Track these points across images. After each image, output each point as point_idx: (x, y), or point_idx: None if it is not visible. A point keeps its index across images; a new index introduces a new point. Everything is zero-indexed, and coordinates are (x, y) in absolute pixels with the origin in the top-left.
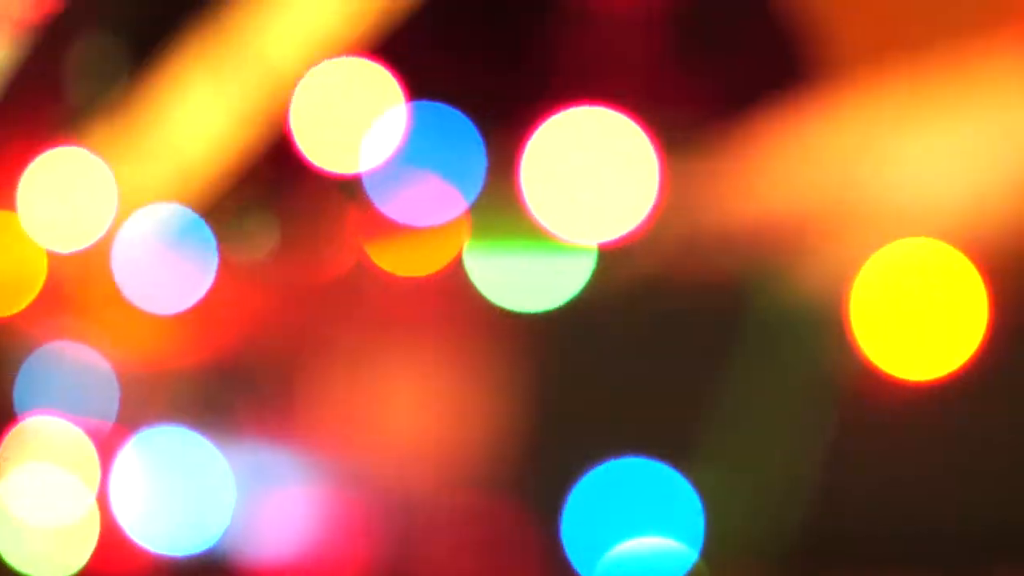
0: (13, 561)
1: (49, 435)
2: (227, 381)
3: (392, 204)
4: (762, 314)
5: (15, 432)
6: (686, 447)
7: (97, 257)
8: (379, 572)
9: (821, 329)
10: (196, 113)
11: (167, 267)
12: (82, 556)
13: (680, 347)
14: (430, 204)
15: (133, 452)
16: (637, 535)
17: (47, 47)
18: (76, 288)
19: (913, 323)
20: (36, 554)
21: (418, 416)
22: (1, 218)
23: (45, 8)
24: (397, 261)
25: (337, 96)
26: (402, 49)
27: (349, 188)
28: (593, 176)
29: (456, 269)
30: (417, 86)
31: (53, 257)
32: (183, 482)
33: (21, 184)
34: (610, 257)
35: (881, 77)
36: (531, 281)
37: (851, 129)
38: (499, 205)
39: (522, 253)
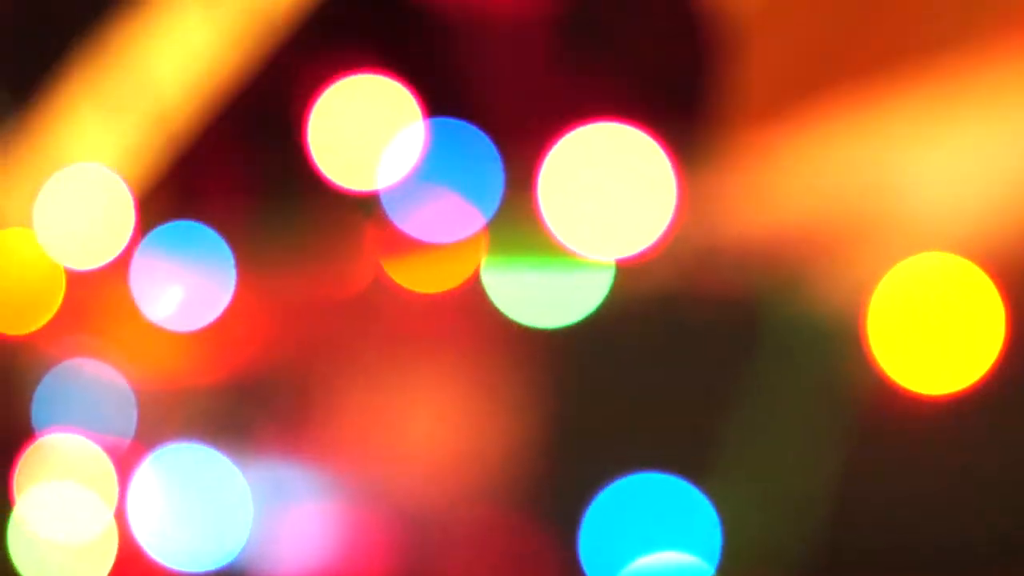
0: None
1: (67, 452)
2: (245, 398)
3: (410, 220)
4: (779, 328)
5: (33, 449)
6: (703, 461)
7: (115, 274)
8: None
9: (838, 343)
10: (84, 142)
11: (185, 284)
12: (100, 573)
13: (698, 362)
14: (448, 220)
15: (151, 469)
16: (654, 550)
17: None
18: (94, 305)
19: (930, 337)
20: (54, 571)
21: (436, 431)
22: (18, 235)
23: None
24: (415, 277)
25: (355, 113)
26: (420, 66)
27: (367, 205)
28: (610, 191)
29: (474, 285)
30: (434, 102)
31: (71, 274)
32: (201, 499)
33: (38, 202)
34: (628, 273)
35: (902, 91)
36: (549, 297)
37: (870, 143)
38: (517, 221)
39: (540, 269)
